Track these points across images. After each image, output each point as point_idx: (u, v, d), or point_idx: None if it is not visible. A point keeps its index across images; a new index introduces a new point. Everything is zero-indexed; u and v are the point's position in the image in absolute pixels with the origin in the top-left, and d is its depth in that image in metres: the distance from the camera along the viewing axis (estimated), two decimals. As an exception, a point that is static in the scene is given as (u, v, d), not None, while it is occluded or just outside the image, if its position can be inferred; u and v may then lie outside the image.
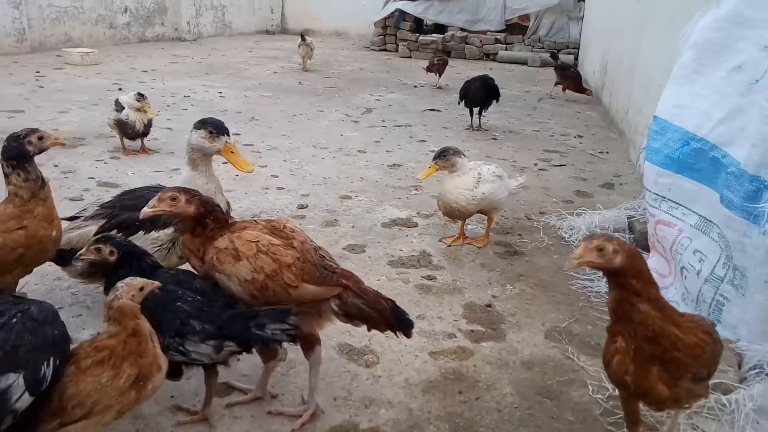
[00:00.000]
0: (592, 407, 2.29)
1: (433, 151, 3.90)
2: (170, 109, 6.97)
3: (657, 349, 1.64)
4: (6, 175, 2.15)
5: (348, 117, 7.31)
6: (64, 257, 2.47)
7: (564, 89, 8.99)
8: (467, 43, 13.76)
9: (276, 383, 2.32)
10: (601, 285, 3.21)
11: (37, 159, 2.21)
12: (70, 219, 2.64)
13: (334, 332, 2.57)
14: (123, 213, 2.55)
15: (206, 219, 2.02)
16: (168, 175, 4.61)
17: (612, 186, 5.07)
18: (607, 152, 6.17)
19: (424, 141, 6.30)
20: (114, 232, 2.48)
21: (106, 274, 2.01)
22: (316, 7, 18.12)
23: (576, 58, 12.54)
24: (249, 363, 2.38)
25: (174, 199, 1.98)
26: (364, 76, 10.70)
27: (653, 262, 3.21)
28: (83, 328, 2.59)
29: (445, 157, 3.53)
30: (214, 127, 2.45)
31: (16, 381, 1.52)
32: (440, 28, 14.47)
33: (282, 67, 11.04)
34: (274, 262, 1.95)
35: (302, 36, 10.85)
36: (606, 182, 5.15)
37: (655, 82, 4.93)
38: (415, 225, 4.03)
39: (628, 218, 3.96)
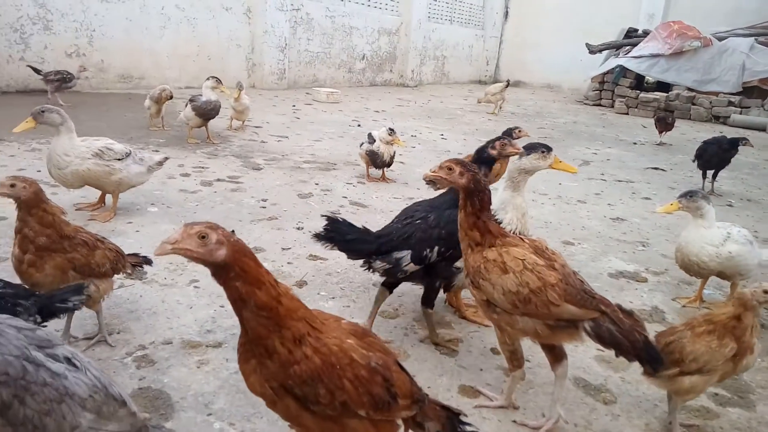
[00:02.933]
0: None
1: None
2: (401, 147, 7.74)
3: (258, 348, 1.52)
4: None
5: (564, 168, 7.37)
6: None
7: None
8: (694, 104, 12.91)
9: (517, 398, 2.53)
10: None
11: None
12: None
13: (570, 367, 2.69)
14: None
15: (474, 197, 2.20)
16: (404, 202, 5.19)
17: None
18: None
19: (649, 199, 6.11)
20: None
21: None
22: (530, 60, 18.56)
23: (832, 128, 11.00)
24: (493, 375, 2.64)
25: (450, 169, 2.22)
26: (578, 129, 10.67)
27: None
28: (352, 317, 3.10)
29: (692, 197, 3.41)
30: (545, 148, 2.84)
31: (406, 254, 2.68)
32: (663, 86, 13.81)
33: (495, 115, 11.51)
34: (539, 280, 2.13)
35: (508, 82, 11.81)
36: None
37: None
38: (645, 280, 3.97)
39: None
